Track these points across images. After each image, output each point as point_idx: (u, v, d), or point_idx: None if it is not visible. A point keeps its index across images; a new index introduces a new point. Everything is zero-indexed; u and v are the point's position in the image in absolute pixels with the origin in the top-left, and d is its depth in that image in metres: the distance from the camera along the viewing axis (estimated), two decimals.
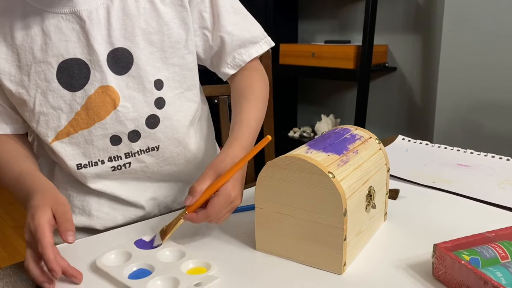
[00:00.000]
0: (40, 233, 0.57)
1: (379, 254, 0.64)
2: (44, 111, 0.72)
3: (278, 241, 0.63)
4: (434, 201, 0.82)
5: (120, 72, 0.73)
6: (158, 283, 0.57)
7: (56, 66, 0.70)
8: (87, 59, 0.71)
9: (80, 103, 0.72)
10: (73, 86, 0.72)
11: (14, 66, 0.70)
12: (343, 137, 0.68)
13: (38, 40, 0.69)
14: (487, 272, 0.52)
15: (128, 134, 0.76)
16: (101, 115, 0.74)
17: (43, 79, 0.70)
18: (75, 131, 0.74)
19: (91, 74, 0.72)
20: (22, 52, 0.69)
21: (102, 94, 0.73)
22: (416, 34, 2.13)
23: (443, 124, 1.93)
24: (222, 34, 0.81)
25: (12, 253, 2.31)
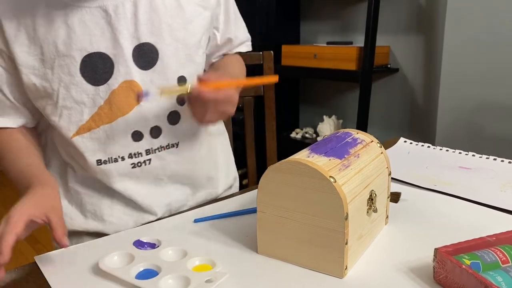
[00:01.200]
0: (14, 220, 0.59)
1: (380, 258, 0.65)
2: (67, 105, 0.72)
3: (280, 244, 0.64)
4: (436, 204, 0.83)
5: (145, 67, 0.74)
6: (170, 282, 0.57)
7: (79, 60, 0.70)
8: (111, 53, 0.71)
9: (104, 98, 0.72)
10: (97, 80, 0.71)
11: (37, 60, 0.69)
12: (345, 141, 0.69)
13: (61, 33, 0.69)
14: (487, 277, 0.52)
15: (151, 129, 0.77)
16: (124, 110, 0.74)
17: (66, 73, 0.70)
18: (96, 126, 0.73)
19: (115, 68, 0.72)
20: (45, 45, 0.69)
21: (126, 89, 0.73)
22: (418, 35, 2.13)
23: (445, 125, 1.93)
24: (230, 36, 0.91)
25: (16, 254, 2.31)
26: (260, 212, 0.64)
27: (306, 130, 2.59)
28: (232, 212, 0.79)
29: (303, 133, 2.57)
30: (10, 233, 0.56)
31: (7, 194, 3.13)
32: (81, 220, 0.81)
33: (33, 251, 2.30)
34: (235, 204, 0.83)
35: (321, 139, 0.73)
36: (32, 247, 2.37)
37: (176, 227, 0.75)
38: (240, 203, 0.84)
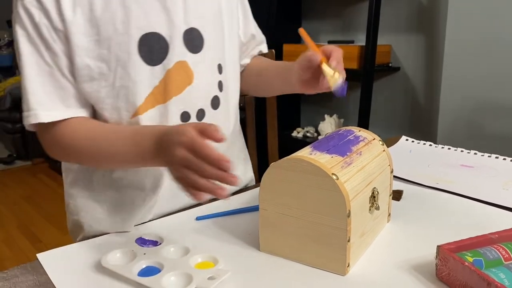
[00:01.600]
0: (198, 142, 0.56)
1: (382, 256, 0.65)
2: (124, 84, 0.71)
3: (282, 242, 0.64)
4: (438, 202, 0.83)
5: (194, 50, 0.76)
6: (172, 279, 0.57)
7: (137, 39, 0.70)
8: (166, 34, 0.73)
9: (159, 78, 0.73)
10: (152, 60, 0.72)
11: (92, 41, 0.69)
12: (347, 139, 0.69)
13: (118, 13, 0.69)
14: (490, 274, 0.52)
15: (197, 112, 0.78)
16: (178, 89, 0.75)
17: (124, 51, 0.70)
18: (152, 105, 0.74)
19: (170, 49, 0.73)
20: (103, 24, 0.68)
21: (179, 70, 0.74)
22: (419, 34, 2.12)
23: (446, 124, 1.93)
24: (252, 32, 0.94)
25: (17, 253, 2.32)
26: (262, 210, 0.64)
27: (307, 129, 2.59)
28: (234, 210, 0.79)
29: (304, 132, 2.57)
30: (210, 149, 0.56)
31: (10, 194, 3.13)
32: (111, 221, 0.78)
33: (34, 249, 2.31)
34: (237, 202, 0.83)
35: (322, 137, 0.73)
36: (33, 246, 2.37)
37: (178, 224, 0.75)
38: (242, 201, 0.84)
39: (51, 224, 2.65)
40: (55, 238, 2.45)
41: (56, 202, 2.97)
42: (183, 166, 0.57)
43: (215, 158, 0.55)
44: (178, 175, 0.58)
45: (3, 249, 2.36)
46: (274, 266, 0.62)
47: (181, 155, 0.57)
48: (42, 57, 0.68)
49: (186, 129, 0.58)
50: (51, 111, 0.69)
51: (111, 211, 0.76)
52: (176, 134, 0.59)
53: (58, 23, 0.67)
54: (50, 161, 3.70)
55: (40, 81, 0.68)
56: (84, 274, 0.61)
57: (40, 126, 0.71)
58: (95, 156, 0.71)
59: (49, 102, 0.69)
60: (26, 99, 0.68)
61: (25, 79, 0.68)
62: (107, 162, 0.72)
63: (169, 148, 0.59)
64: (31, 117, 0.69)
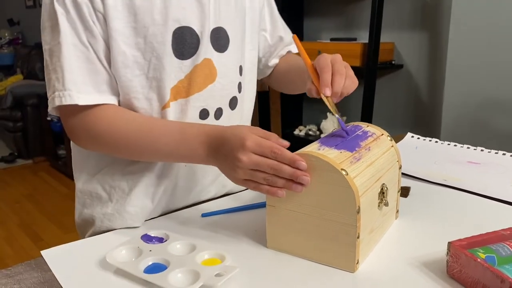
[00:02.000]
0: (274, 146, 0.59)
1: (391, 252, 0.64)
2: (157, 76, 0.71)
3: (289, 239, 0.63)
4: (446, 199, 0.82)
5: (220, 49, 0.76)
6: (179, 276, 0.56)
7: (172, 31, 0.70)
8: (198, 30, 0.73)
9: (185, 72, 0.73)
10: (183, 54, 0.72)
11: (129, 28, 0.68)
12: (355, 134, 0.68)
13: (157, 3, 0.69)
14: (503, 270, 0.51)
15: (216, 110, 0.78)
16: (201, 86, 0.75)
17: (160, 42, 0.69)
18: (174, 99, 0.73)
19: (200, 45, 0.73)
20: (141, 13, 0.68)
21: (205, 67, 0.75)
22: (422, 31, 2.11)
23: (450, 121, 1.92)
24: (280, 34, 0.93)
25: (18, 251, 2.32)
26: (269, 206, 0.63)
27: (309, 127, 2.58)
28: (240, 207, 0.78)
29: (307, 130, 2.56)
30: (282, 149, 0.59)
31: (11, 193, 3.13)
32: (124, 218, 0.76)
33: (35, 247, 2.31)
34: (243, 198, 0.82)
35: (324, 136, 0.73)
36: (35, 244, 2.37)
37: (183, 221, 0.75)
38: (248, 198, 0.83)
39: (52, 222, 2.64)
40: (57, 236, 2.44)
41: (57, 200, 2.96)
42: (254, 169, 0.59)
43: (292, 158, 0.58)
44: (246, 177, 0.60)
45: (4, 247, 2.36)
46: (282, 262, 0.62)
47: (251, 159, 0.59)
48: (80, 38, 0.66)
49: (245, 133, 0.60)
50: (85, 94, 0.67)
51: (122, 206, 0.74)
52: (236, 139, 0.60)
53: (99, 5, 0.66)
54: (51, 160, 3.70)
55: (76, 62, 0.66)
56: (88, 271, 0.60)
57: (68, 110, 0.68)
58: (135, 147, 0.69)
59: (83, 85, 0.67)
60: (60, 78, 0.66)
61: (62, 57, 0.65)
62: (148, 155, 0.71)
63: (231, 154, 0.60)
64: (65, 98, 0.65)
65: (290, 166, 0.58)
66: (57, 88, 0.66)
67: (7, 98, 3.77)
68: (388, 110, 2.33)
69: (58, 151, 3.69)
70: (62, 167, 3.50)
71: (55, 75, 0.66)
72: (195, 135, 0.66)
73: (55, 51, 0.66)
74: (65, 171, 3.45)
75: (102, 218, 0.75)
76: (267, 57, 0.94)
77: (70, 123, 0.70)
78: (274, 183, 0.59)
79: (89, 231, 0.76)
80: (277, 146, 0.59)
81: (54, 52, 0.66)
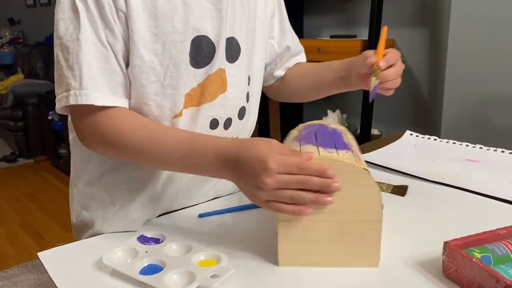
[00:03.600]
0: (304, 162, 0.56)
1: (388, 252, 0.63)
2: (173, 84, 0.69)
3: (306, 250, 0.60)
4: (443, 198, 0.81)
5: (231, 60, 0.76)
6: (175, 277, 0.56)
7: (191, 40, 0.70)
8: (215, 39, 0.72)
9: (198, 81, 0.72)
10: (198, 63, 0.71)
11: (149, 33, 0.67)
12: (335, 133, 0.67)
13: (179, 10, 0.68)
14: (499, 270, 0.51)
15: (225, 120, 0.77)
16: (213, 96, 0.74)
17: (179, 51, 0.69)
18: (185, 107, 0.72)
19: (215, 54, 0.73)
20: (162, 19, 0.67)
21: (218, 77, 0.74)
22: (423, 28, 2.11)
23: (450, 118, 1.91)
24: (288, 43, 0.92)
25: (20, 250, 2.33)
26: (282, 222, 0.60)
27: None
28: (237, 207, 0.78)
29: None
30: (308, 163, 0.56)
31: (13, 192, 3.14)
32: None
33: (37, 247, 2.31)
34: (240, 199, 0.82)
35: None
36: (37, 244, 2.38)
37: (180, 222, 0.75)
38: (245, 198, 0.82)
39: (54, 222, 2.65)
40: (58, 235, 2.45)
41: (58, 199, 2.97)
42: (281, 189, 0.56)
43: (320, 169, 0.56)
44: (269, 198, 0.57)
45: (6, 247, 2.37)
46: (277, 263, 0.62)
47: (277, 179, 0.56)
48: (99, 37, 0.64)
49: (265, 154, 0.56)
50: (102, 95, 0.65)
51: (122, 210, 0.74)
52: (257, 162, 0.56)
53: (122, 5, 0.64)
54: (52, 159, 3.71)
55: (94, 61, 0.64)
56: (85, 272, 0.60)
57: (80, 109, 0.66)
58: (144, 154, 0.67)
59: (100, 85, 0.65)
60: (77, 76, 0.63)
61: (80, 55, 0.63)
62: (157, 163, 0.69)
63: (254, 177, 0.57)
64: (81, 97, 0.63)
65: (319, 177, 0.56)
66: (73, 87, 0.63)
67: (8, 97, 3.78)
68: (388, 107, 2.33)
69: (59, 150, 3.70)
70: (63, 166, 3.50)
71: (71, 73, 0.64)
72: (209, 151, 0.62)
73: (71, 47, 0.64)
74: (66, 170, 3.46)
75: (102, 221, 0.74)
76: (273, 66, 0.93)
77: (81, 123, 0.68)
78: (302, 200, 0.56)
79: (87, 233, 0.76)
80: (302, 161, 0.56)
81: (70, 49, 0.64)
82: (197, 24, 0.69)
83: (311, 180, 0.56)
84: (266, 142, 0.59)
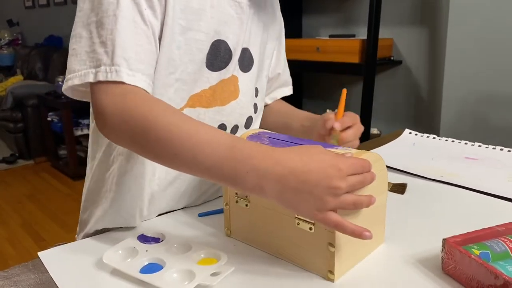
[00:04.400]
0: (370, 175, 0.55)
1: (387, 249, 0.64)
2: (185, 79, 0.70)
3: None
4: (442, 195, 0.82)
5: (244, 69, 0.78)
6: (175, 276, 0.57)
7: (211, 42, 0.70)
8: (232, 47, 0.73)
9: (211, 83, 0.73)
10: (213, 66, 0.72)
11: (177, 24, 0.66)
12: (287, 137, 0.67)
13: (207, 11, 0.69)
14: (497, 266, 0.51)
15: (232, 127, 0.78)
16: (224, 101, 0.75)
17: (199, 49, 0.69)
18: (193, 106, 0.72)
19: (231, 61, 0.74)
20: (191, 14, 0.67)
21: (231, 83, 0.75)
22: (421, 27, 2.11)
23: (449, 117, 1.92)
24: (280, 71, 0.95)
25: (21, 251, 2.33)
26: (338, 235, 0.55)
27: None
28: None
29: None
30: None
31: (13, 193, 3.14)
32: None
33: (37, 247, 2.31)
34: None
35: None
36: (37, 244, 2.38)
37: (180, 221, 0.75)
38: None
39: (54, 222, 2.65)
40: (59, 236, 2.45)
41: (58, 200, 2.97)
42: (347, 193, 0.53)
43: (369, 164, 0.55)
44: (336, 206, 0.52)
45: (7, 248, 2.37)
46: (277, 261, 0.62)
47: (348, 182, 0.52)
48: (142, 15, 0.61)
49: (332, 158, 0.53)
50: (134, 73, 0.60)
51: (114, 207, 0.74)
52: (327, 167, 0.52)
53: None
54: (52, 160, 3.71)
55: (133, 39, 0.60)
56: (85, 271, 0.61)
57: (107, 88, 0.60)
58: (177, 143, 0.56)
59: (134, 63, 0.60)
60: (109, 52, 0.59)
61: (116, 31, 0.59)
62: (189, 157, 0.56)
63: (324, 185, 0.51)
64: (111, 73, 0.59)
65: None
66: (104, 62, 0.59)
67: (7, 99, 3.78)
68: (387, 106, 2.33)
69: (58, 151, 3.70)
70: (63, 167, 3.51)
71: (104, 49, 0.59)
72: (248, 166, 0.53)
73: (106, 23, 0.59)
74: (66, 171, 3.46)
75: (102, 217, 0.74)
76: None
77: (107, 101, 0.60)
78: (360, 204, 0.53)
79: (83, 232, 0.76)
80: (363, 160, 0.55)
81: (104, 25, 0.59)
82: (220, 28, 0.71)
83: (367, 177, 0.55)
84: (318, 148, 0.55)
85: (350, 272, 0.59)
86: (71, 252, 0.67)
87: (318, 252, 0.57)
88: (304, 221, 0.57)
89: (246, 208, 0.65)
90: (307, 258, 0.59)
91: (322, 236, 0.56)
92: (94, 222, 0.75)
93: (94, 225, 0.75)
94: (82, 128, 3.46)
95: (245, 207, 0.65)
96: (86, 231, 0.76)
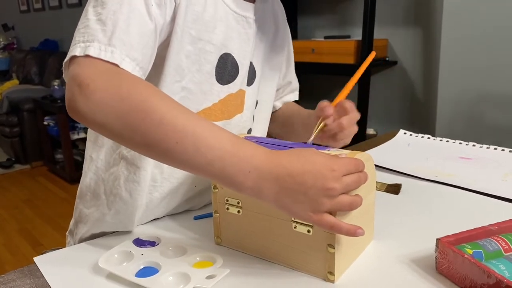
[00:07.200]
0: (364, 176, 0.55)
1: (381, 249, 0.64)
2: (191, 88, 0.69)
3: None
4: (437, 195, 0.82)
5: (249, 83, 0.79)
6: (170, 279, 0.57)
7: (220, 55, 0.71)
8: (239, 61, 0.75)
9: (220, 97, 0.74)
10: (221, 79, 0.73)
11: (187, 33, 0.67)
12: (274, 140, 0.67)
13: (218, 25, 0.69)
14: (490, 265, 0.51)
15: None
16: (230, 114, 0.76)
17: (208, 60, 0.70)
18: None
19: (239, 75, 0.75)
20: (203, 25, 0.68)
21: (238, 97, 0.77)
22: (416, 27, 2.12)
23: (445, 117, 1.92)
24: (291, 79, 0.99)
25: (17, 256, 2.32)
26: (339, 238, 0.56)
27: None
28: None
29: None
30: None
31: (10, 198, 3.13)
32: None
33: (34, 252, 2.31)
34: None
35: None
36: (34, 249, 2.37)
37: (175, 224, 0.75)
38: None
39: (51, 227, 2.64)
40: (56, 240, 2.45)
41: (55, 204, 2.96)
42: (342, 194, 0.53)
43: (362, 164, 0.55)
44: (331, 208, 0.52)
45: (4, 253, 2.36)
46: (273, 265, 0.62)
47: (342, 183, 0.52)
48: (148, 9, 0.60)
49: (326, 158, 0.53)
50: (130, 60, 0.57)
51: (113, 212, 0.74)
52: (321, 168, 0.51)
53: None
54: (48, 164, 3.70)
55: (135, 27, 0.58)
56: (81, 276, 0.61)
57: (96, 65, 0.55)
58: (179, 131, 0.51)
59: (132, 51, 0.57)
60: (107, 31, 0.56)
61: (119, 14, 0.56)
62: (190, 145, 0.51)
63: (318, 186, 0.51)
64: (105, 52, 0.55)
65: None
66: (99, 40, 0.55)
67: (3, 103, 3.77)
68: (382, 107, 2.34)
69: (55, 156, 3.69)
70: (60, 172, 3.50)
71: (101, 27, 0.56)
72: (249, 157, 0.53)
73: (109, 4, 0.57)
74: (62, 175, 3.46)
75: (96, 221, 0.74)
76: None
77: (93, 74, 0.54)
78: (356, 205, 0.53)
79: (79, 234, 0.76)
80: (355, 159, 0.55)
81: (108, 5, 0.57)
82: (227, 42, 0.72)
83: (362, 177, 0.55)
84: (313, 150, 0.55)
85: (348, 272, 0.59)
86: (67, 256, 0.67)
87: (316, 254, 0.57)
88: (301, 224, 0.57)
89: (238, 215, 0.64)
90: (305, 261, 0.59)
91: (321, 238, 0.56)
92: (90, 225, 0.75)
93: (91, 228, 0.75)
94: (78, 132, 3.46)
95: (237, 213, 0.64)
96: (81, 236, 0.76)
